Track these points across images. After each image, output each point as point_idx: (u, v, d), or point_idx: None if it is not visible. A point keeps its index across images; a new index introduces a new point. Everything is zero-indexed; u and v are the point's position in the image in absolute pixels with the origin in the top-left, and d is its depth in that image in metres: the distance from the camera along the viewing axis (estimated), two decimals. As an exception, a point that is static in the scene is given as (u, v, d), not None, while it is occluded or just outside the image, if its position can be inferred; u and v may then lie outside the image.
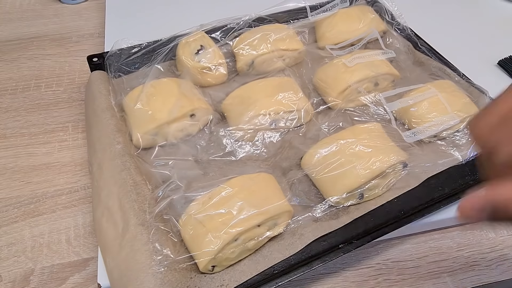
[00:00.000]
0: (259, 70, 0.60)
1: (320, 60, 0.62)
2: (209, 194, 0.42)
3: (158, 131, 0.50)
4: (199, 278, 0.40)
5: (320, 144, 0.48)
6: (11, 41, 0.72)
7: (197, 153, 0.51)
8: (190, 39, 0.59)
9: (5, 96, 0.63)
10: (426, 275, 0.46)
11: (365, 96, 0.57)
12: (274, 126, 0.52)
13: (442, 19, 0.78)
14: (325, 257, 0.41)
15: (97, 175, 0.46)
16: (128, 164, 0.46)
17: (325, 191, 0.46)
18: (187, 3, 0.79)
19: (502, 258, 0.47)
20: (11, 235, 0.47)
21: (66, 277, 0.44)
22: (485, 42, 0.73)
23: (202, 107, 0.52)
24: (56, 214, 0.49)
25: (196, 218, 0.41)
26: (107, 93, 0.54)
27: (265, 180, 0.45)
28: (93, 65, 0.59)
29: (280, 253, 0.42)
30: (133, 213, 0.41)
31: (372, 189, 0.46)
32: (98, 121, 0.51)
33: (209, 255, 0.39)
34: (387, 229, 0.44)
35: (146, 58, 0.62)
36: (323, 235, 0.43)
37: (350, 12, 0.67)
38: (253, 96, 0.52)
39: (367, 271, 0.46)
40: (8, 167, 0.54)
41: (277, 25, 0.64)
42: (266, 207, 0.41)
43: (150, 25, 0.73)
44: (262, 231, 0.41)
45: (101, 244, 0.42)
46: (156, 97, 0.51)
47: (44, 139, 0.57)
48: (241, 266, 0.41)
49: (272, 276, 0.40)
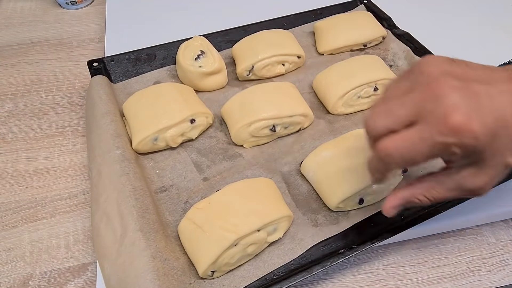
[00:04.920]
0: (258, 75, 0.61)
1: (320, 65, 0.62)
2: (209, 199, 0.42)
3: (158, 135, 0.50)
4: (199, 284, 0.40)
5: (320, 149, 0.48)
6: (11, 46, 0.73)
7: (197, 158, 0.51)
8: (190, 44, 0.59)
9: (5, 100, 0.63)
10: (426, 281, 0.46)
11: (365, 101, 0.57)
12: (273, 131, 0.52)
13: (442, 23, 0.79)
14: (325, 262, 0.41)
15: (96, 180, 0.46)
16: (127, 169, 0.46)
17: (325, 196, 0.46)
18: (188, 9, 0.79)
19: (502, 263, 0.47)
20: (10, 240, 0.47)
21: (65, 283, 0.44)
22: (484, 47, 0.74)
23: (202, 112, 0.52)
24: (55, 219, 0.49)
25: (195, 223, 0.41)
26: (107, 98, 0.54)
27: (265, 185, 0.45)
28: (93, 70, 0.59)
29: (280, 258, 0.42)
30: (132, 218, 0.41)
31: (373, 194, 0.46)
32: (97, 126, 0.50)
33: (209, 260, 0.38)
34: (388, 234, 0.43)
35: (147, 63, 0.62)
36: (323, 240, 0.43)
37: (349, 18, 0.68)
38: (253, 101, 0.52)
39: (367, 276, 0.46)
40: (7, 171, 0.54)
41: (278, 30, 0.64)
42: (265, 212, 0.41)
43: (150, 31, 0.73)
44: (262, 236, 0.41)
45: (99, 250, 0.42)
46: (156, 102, 0.51)
47: (44, 143, 0.57)
48: (240, 272, 0.41)
49: (271, 281, 0.40)
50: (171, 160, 0.51)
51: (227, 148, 0.53)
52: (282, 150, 0.53)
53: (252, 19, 0.70)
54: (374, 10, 0.73)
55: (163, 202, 0.47)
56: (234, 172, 0.50)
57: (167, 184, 0.49)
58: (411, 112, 0.31)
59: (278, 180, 0.49)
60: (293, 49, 0.61)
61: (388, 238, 0.43)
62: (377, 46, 0.68)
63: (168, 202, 0.47)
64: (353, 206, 0.46)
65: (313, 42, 0.68)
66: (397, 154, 0.31)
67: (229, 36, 0.66)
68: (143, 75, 0.60)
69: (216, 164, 0.51)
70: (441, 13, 0.81)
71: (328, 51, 0.66)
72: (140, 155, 0.51)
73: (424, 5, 0.82)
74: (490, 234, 0.50)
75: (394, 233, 0.44)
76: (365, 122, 0.34)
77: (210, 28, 0.67)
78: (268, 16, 0.71)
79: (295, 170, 0.50)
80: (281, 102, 0.52)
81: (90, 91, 0.55)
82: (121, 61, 0.62)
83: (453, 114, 0.29)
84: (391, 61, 0.66)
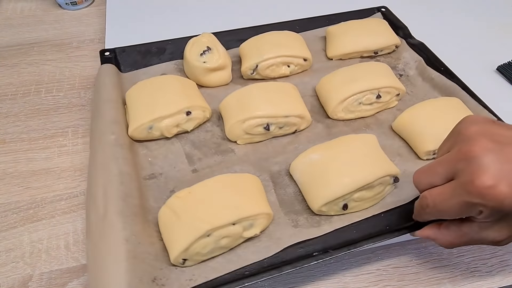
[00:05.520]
0: (263, 75, 0.61)
1: (327, 70, 0.60)
2: (190, 188, 0.43)
3: (153, 124, 0.51)
4: (169, 270, 0.41)
5: (310, 150, 0.48)
6: (11, 47, 0.73)
7: (190, 150, 0.52)
8: (198, 40, 0.60)
9: (5, 101, 0.63)
10: (426, 281, 0.45)
11: (366, 108, 0.56)
12: (268, 130, 0.52)
13: (441, 24, 0.78)
14: (296, 263, 0.41)
15: (90, 164, 0.48)
16: (118, 154, 0.47)
17: (309, 198, 0.46)
18: (188, 10, 0.80)
19: (503, 264, 0.47)
20: (9, 241, 0.47)
21: (65, 283, 0.44)
22: (484, 48, 0.73)
23: (199, 106, 0.53)
24: (55, 220, 0.49)
25: (173, 211, 0.41)
26: (111, 85, 0.56)
27: (250, 181, 0.45)
28: (104, 58, 0.62)
29: (254, 255, 0.42)
30: (113, 201, 0.43)
31: (358, 200, 0.45)
32: (98, 111, 0.53)
33: (180, 247, 0.39)
34: (368, 241, 0.43)
35: (156, 56, 0.64)
36: (300, 241, 0.43)
37: (363, 24, 0.67)
38: (249, 99, 0.52)
39: (367, 277, 0.45)
40: (7, 172, 0.54)
41: (286, 32, 0.64)
42: (243, 207, 0.41)
43: (150, 31, 0.73)
44: (237, 230, 0.41)
45: (87, 231, 0.43)
46: (156, 92, 0.53)
47: (44, 144, 0.57)
48: (213, 263, 0.41)
49: (242, 276, 0.40)
50: (164, 150, 0.52)
51: (220, 143, 0.53)
52: (275, 149, 0.53)
53: (265, 21, 0.70)
54: (391, 19, 0.71)
55: (150, 188, 0.48)
56: (223, 167, 0.50)
57: (156, 172, 0.50)
58: (448, 170, 0.34)
59: (266, 178, 0.49)
60: (299, 51, 0.61)
61: (367, 244, 0.42)
62: (389, 55, 0.67)
63: (155, 189, 0.48)
64: (337, 211, 0.45)
65: (324, 46, 0.68)
66: (432, 203, 0.35)
67: (239, 35, 0.67)
68: (151, 67, 0.62)
69: (208, 157, 0.52)
70: (441, 13, 0.81)
71: (337, 56, 0.65)
72: (135, 142, 0.52)
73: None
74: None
75: (375, 241, 0.43)
76: (413, 177, 0.38)
77: (222, 27, 0.68)
78: (281, 19, 0.71)
79: (285, 170, 0.50)
80: (277, 102, 0.52)
81: (98, 78, 0.58)
82: (131, 52, 0.64)
83: (480, 176, 0.30)
84: (401, 70, 0.65)
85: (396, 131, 0.55)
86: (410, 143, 0.53)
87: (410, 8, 0.80)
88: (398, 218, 0.46)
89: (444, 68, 0.63)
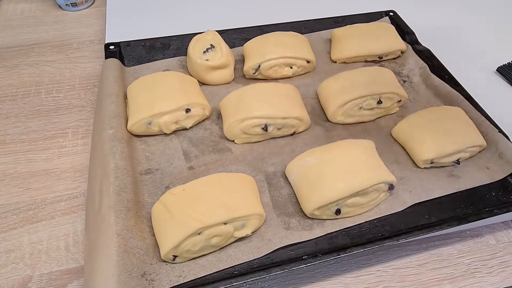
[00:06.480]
0: (265, 75, 0.61)
1: (330, 73, 0.60)
2: (184, 186, 0.43)
3: (152, 120, 0.51)
4: (159, 266, 0.41)
5: (306, 153, 0.48)
6: (12, 48, 0.72)
7: (188, 147, 0.53)
8: (202, 37, 0.60)
9: (5, 102, 0.63)
10: (427, 282, 0.45)
11: (367, 113, 0.56)
12: (265, 131, 0.52)
13: (441, 25, 0.78)
14: (285, 266, 0.41)
15: (91, 158, 0.49)
16: (115, 148, 0.48)
17: (302, 201, 0.46)
18: (189, 11, 0.79)
19: (503, 265, 0.47)
20: (9, 242, 0.47)
21: (65, 284, 0.44)
22: (484, 49, 0.73)
23: (199, 103, 0.53)
24: (55, 221, 0.49)
25: (166, 207, 0.42)
26: (114, 80, 0.56)
27: (244, 181, 0.45)
28: (108, 52, 0.62)
29: (244, 255, 0.42)
30: (107, 195, 0.43)
31: (352, 206, 0.45)
32: (100, 106, 0.53)
33: (171, 244, 0.39)
34: (358, 248, 0.42)
35: (160, 52, 0.64)
36: (291, 244, 0.43)
37: (369, 28, 0.66)
38: (249, 99, 0.52)
39: (368, 278, 0.46)
40: (7, 173, 0.53)
41: (291, 33, 0.64)
42: (235, 207, 0.41)
43: (150, 32, 0.73)
44: (228, 230, 0.41)
45: (85, 224, 0.44)
46: (157, 88, 0.53)
47: (44, 145, 0.57)
48: (203, 261, 0.42)
49: (231, 275, 0.40)
50: (162, 145, 0.52)
51: (218, 141, 0.54)
52: (272, 150, 0.53)
53: (271, 20, 0.70)
54: (399, 24, 0.71)
55: (145, 183, 0.48)
56: (219, 165, 0.51)
57: (153, 168, 0.50)
58: None
59: (261, 179, 0.49)
60: (302, 53, 0.61)
61: (357, 251, 0.42)
62: (394, 60, 0.66)
63: (150, 184, 0.48)
64: (329, 215, 0.45)
65: (329, 49, 0.68)
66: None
67: (244, 34, 0.67)
68: (154, 62, 0.62)
69: (204, 155, 0.52)
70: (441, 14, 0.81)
71: (340, 59, 0.65)
72: (134, 137, 0.53)
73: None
74: (490, 236, 0.50)
75: (365, 247, 0.43)
76: None
77: (229, 25, 0.68)
78: (287, 19, 0.71)
79: (280, 172, 0.50)
80: (276, 103, 0.52)
81: (102, 73, 0.58)
82: (136, 47, 0.65)
83: None
84: (405, 76, 0.64)
85: (396, 138, 0.55)
86: (408, 150, 0.53)
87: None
88: (391, 225, 0.46)
89: (448, 76, 0.62)
